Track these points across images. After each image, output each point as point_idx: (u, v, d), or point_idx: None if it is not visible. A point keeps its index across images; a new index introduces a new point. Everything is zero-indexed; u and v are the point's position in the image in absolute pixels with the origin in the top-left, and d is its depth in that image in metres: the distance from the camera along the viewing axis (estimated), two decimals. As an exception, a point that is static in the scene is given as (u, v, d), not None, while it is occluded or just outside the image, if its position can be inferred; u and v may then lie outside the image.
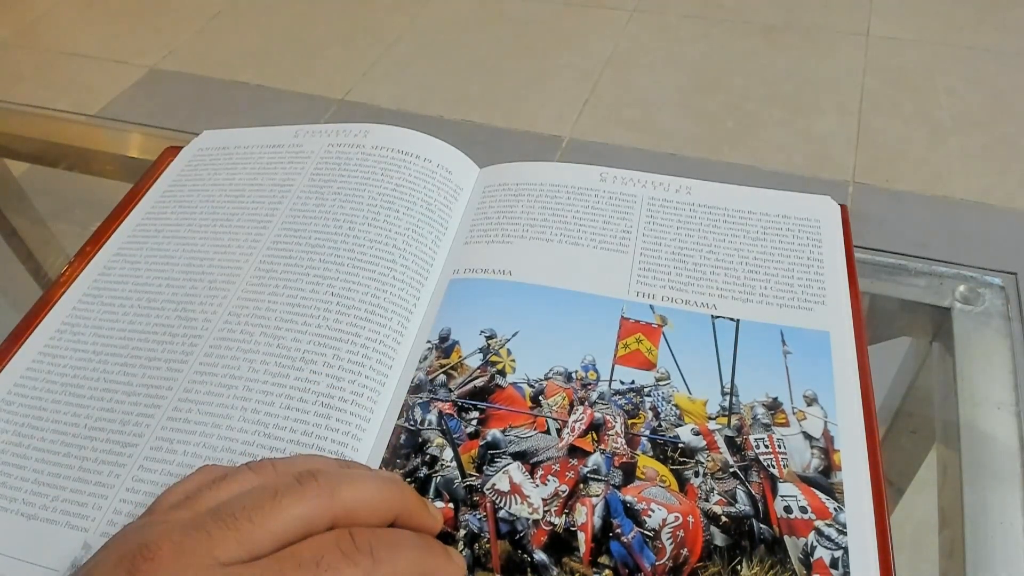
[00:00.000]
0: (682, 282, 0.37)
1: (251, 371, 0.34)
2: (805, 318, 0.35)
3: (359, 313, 0.36)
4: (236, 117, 1.64)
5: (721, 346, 0.33)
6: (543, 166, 0.44)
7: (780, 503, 0.27)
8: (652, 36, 1.80)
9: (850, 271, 0.37)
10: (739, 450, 0.28)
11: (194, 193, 0.44)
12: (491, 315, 0.36)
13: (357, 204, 0.40)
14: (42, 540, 0.30)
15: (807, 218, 0.40)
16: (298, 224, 0.40)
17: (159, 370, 0.35)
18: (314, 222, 0.40)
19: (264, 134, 0.47)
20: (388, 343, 0.35)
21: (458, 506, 0.29)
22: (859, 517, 0.28)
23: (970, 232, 1.30)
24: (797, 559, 0.26)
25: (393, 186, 0.41)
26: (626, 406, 0.30)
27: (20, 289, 0.64)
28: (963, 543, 0.32)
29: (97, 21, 2.02)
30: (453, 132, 1.55)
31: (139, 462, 0.31)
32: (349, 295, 0.36)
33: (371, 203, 0.40)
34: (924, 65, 1.65)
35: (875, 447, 0.30)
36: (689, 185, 0.42)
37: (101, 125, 0.65)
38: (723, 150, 1.49)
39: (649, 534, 0.26)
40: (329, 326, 0.35)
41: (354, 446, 0.32)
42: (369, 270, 0.37)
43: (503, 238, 0.40)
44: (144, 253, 0.41)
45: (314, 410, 0.32)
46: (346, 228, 0.39)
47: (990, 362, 0.38)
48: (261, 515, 0.24)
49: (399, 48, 1.83)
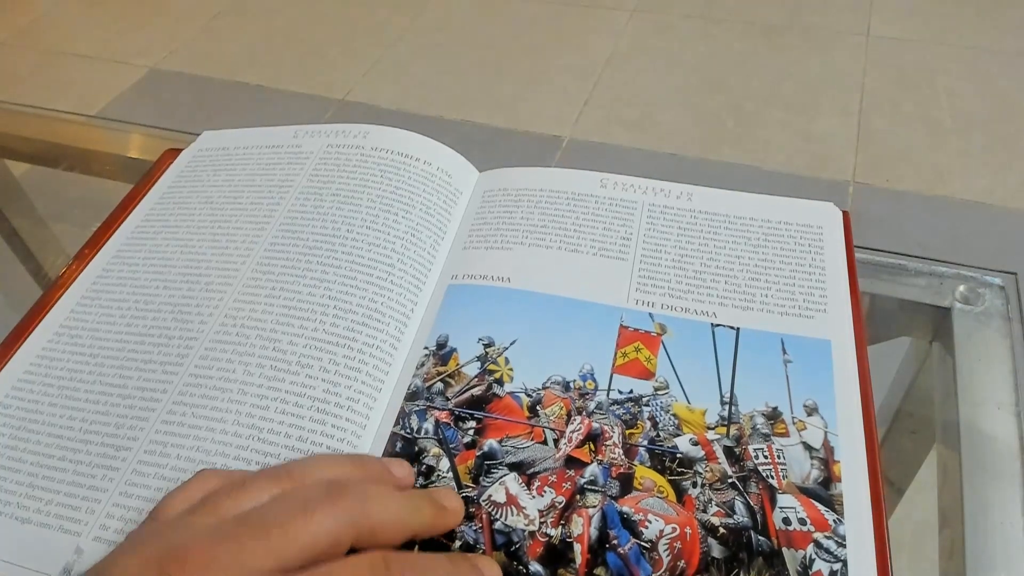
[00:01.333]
0: (682, 290, 0.37)
1: (246, 374, 0.33)
2: (806, 326, 0.35)
3: (356, 317, 0.36)
4: (236, 117, 1.64)
5: (721, 355, 0.33)
6: (543, 171, 0.44)
7: (779, 514, 0.27)
8: (652, 36, 1.80)
9: (851, 278, 0.37)
10: (738, 460, 0.28)
11: (193, 195, 0.43)
12: (489, 322, 0.36)
13: (356, 206, 0.40)
14: (35, 544, 0.29)
15: (809, 225, 0.40)
16: (296, 226, 0.40)
17: (154, 373, 0.34)
18: (312, 224, 0.40)
19: (263, 135, 0.46)
20: (385, 348, 0.35)
21: None
22: (858, 529, 0.28)
23: (970, 232, 1.30)
24: (795, 572, 0.25)
25: (392, 188, 0.41)
26: (624, 416, 0.30)
27: (20, 289, 0.64)
28: (963, 543, 0.32)
29: (97, 21, 2.02)
30: (453, 132, 1.55)
31: (133, 466, 0.31)
32: (347, 298, 0.36)
33: (370, 205, 0.40)
34: (924, 65, 1.65)
35: (875, 458, 0.30)
36: (690, 192, 0.42)
37: (101, 125, 0.65)
38: (723, 150, 1.49)
39: (646, 545, 0.26)
40: (326, 330, 0.35)
41: (350, 452, 0.32)
42: (367, 273, 0.37)
43: (502, 244, 0.40)
44: (142, 256, 0.40)
45: (310, 415, 0.32)
46: (344, 230, 0.39)
47: (990, 362, 0.38)
48: (293, 527, 0.24)
49: (399, 48, 1.83)
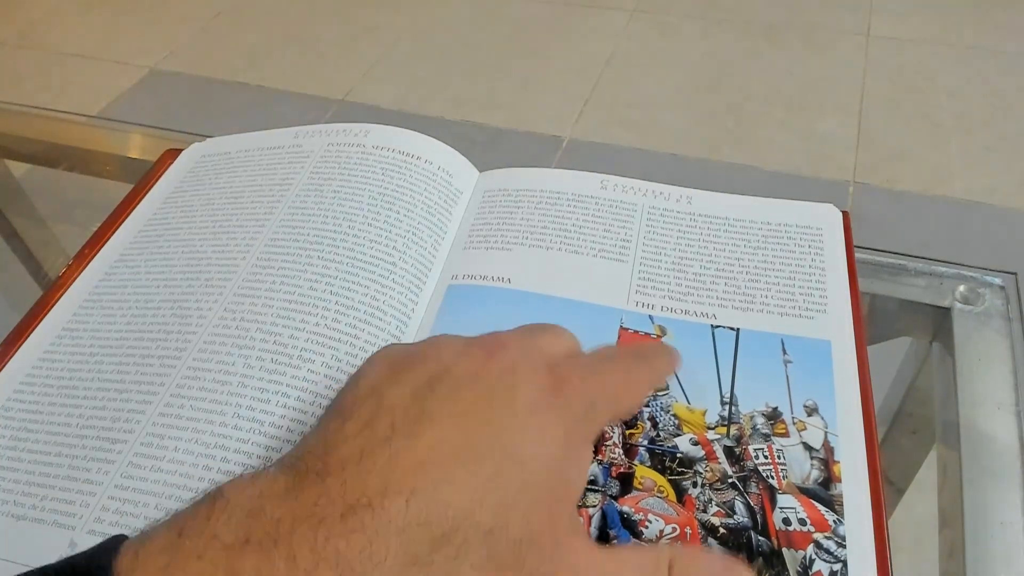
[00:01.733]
0: (681, 292, 0.37)
1: (247, 367, 0.33)
2: (806, 327, 0.35)
3: (358, 314, 0.36)
4: (236, 118, 1.64)
5: (721, 356, 0.33)
6: (544, 172, 0.44)
7: (779, 515, 0.27)
8: (652, 36, 1.80)
9: (851, 279, 0.37)
10: (738, 460, 0.28)
11: (195, 198, 0.43)
12: (490, 323, 0.36)
13: (357, 203, 0.40)
14: (29, 540, 0.29)
15: (808, 226, 0.40)
16: (297, 221, 0.40)
17: (152, 367, 0.34)
18: (313, 220, 0.40)
19: (264, 137, 0.46)
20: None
21: None
22: (859, 530, 0.28)
23: (970, 232, 1.30)
24: (795, 572, 0.25)
25: (394, 187, 0.41)
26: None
27: (20, 290, 0.64)
28: (963, 543, 0.32)
29: (97, 21, 2.02)
30: (453, 132, 1.55)
31: (128, 458, 0.31)
32: (348, 295, 0.36)
33: (371, 203, 0.40)
34: (924, 65, 1.65)
35: (875, 458, 0.30)
36: (690, 194, 0.42)
37: (101, 126, 0.65)
38: (723, 150, 1.49)
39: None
40: (328, 325, 0.35)
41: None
42: (369, 271, 0.37)
43: (503, 245, 0.40)
44: (143, 258, 0.40)
45: (312, 411, 0.32)
46: (345, 227, 0.39)
47: (990, 362, 0.38)
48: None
49: (399, 48, 1.83)
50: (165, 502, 0.30)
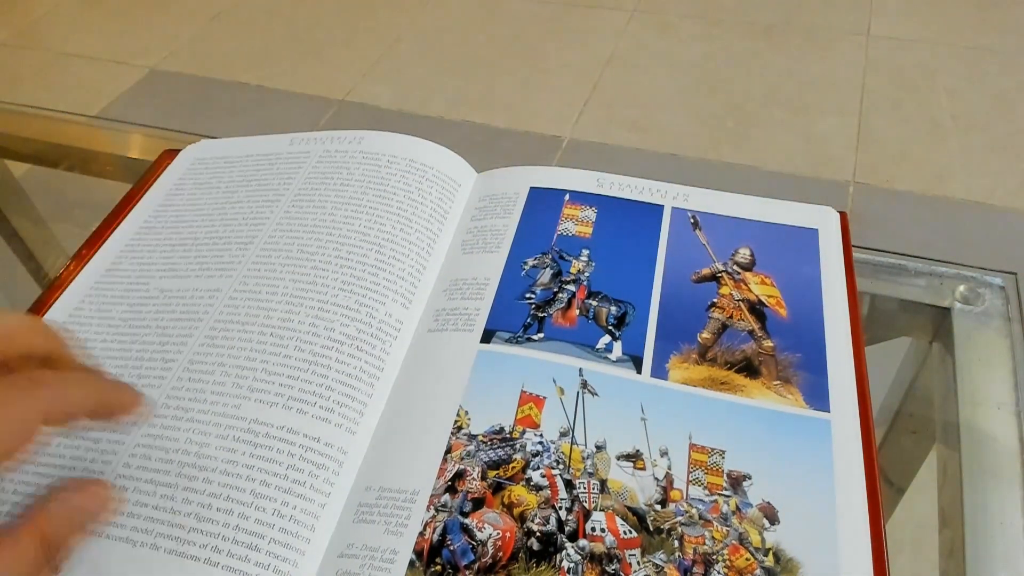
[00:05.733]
0: None
1: (241, 371, 0.34)
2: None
3: (355, 323, 0.36)
4: (236, 118, 1.64)
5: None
6: (544, 172, 0.44)
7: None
8: (652, 36, 1.80)
9: (849, 279, 0.37)
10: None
11: (190, 203, 0.44)
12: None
13: (353, 208, 0.40)
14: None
15: (805, 227, 0.40)
16: (292, 227, 0.40)
17: (150, 367, 0.35)
18: (307, 226, 0.40)
19: (260, 143, 0.47)
20: (376, 355, 0.35)
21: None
22: (854, 530, 0.28)
23: (970, 232, 1.30)
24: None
25: (389, 192, 0.41)
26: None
27: (20, 289, 0.64)
28: (963, 543, 0.32)
29: (97, 21, 2.02)
30: (453, 132, 1.55)
31: (124, 459, 0.31)
32: (346, 301, 0.36)
33: (367, 208, 0.40)
34: (924, 65, 1.65)
35: (873, 458, 0.30)
36: (687, 193, 0.42)
37: (101, 126, 0.65)
38: (723, 150, 1.49)
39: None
40: (324, 327, 0.35)
41: (351, 428, 0.32)
42: (364, 275, 0.37)
43: (502, 246, 0.40)
44: (142, 259, 0.41)
45: (312, 412, 0.32)
46: (339, 232, 0.39)
47: (990, 362, 0.38)
48: None
49: (399, 48, 1.83)
50: (154, 513, 0.30)
